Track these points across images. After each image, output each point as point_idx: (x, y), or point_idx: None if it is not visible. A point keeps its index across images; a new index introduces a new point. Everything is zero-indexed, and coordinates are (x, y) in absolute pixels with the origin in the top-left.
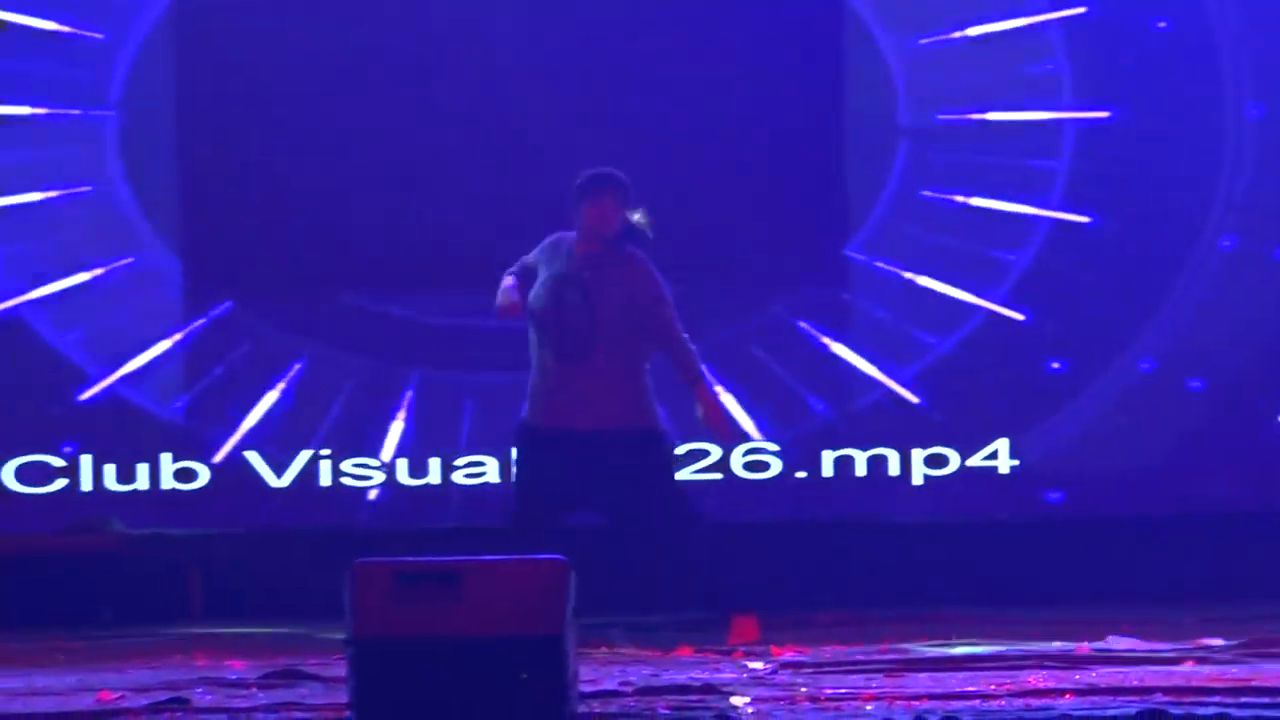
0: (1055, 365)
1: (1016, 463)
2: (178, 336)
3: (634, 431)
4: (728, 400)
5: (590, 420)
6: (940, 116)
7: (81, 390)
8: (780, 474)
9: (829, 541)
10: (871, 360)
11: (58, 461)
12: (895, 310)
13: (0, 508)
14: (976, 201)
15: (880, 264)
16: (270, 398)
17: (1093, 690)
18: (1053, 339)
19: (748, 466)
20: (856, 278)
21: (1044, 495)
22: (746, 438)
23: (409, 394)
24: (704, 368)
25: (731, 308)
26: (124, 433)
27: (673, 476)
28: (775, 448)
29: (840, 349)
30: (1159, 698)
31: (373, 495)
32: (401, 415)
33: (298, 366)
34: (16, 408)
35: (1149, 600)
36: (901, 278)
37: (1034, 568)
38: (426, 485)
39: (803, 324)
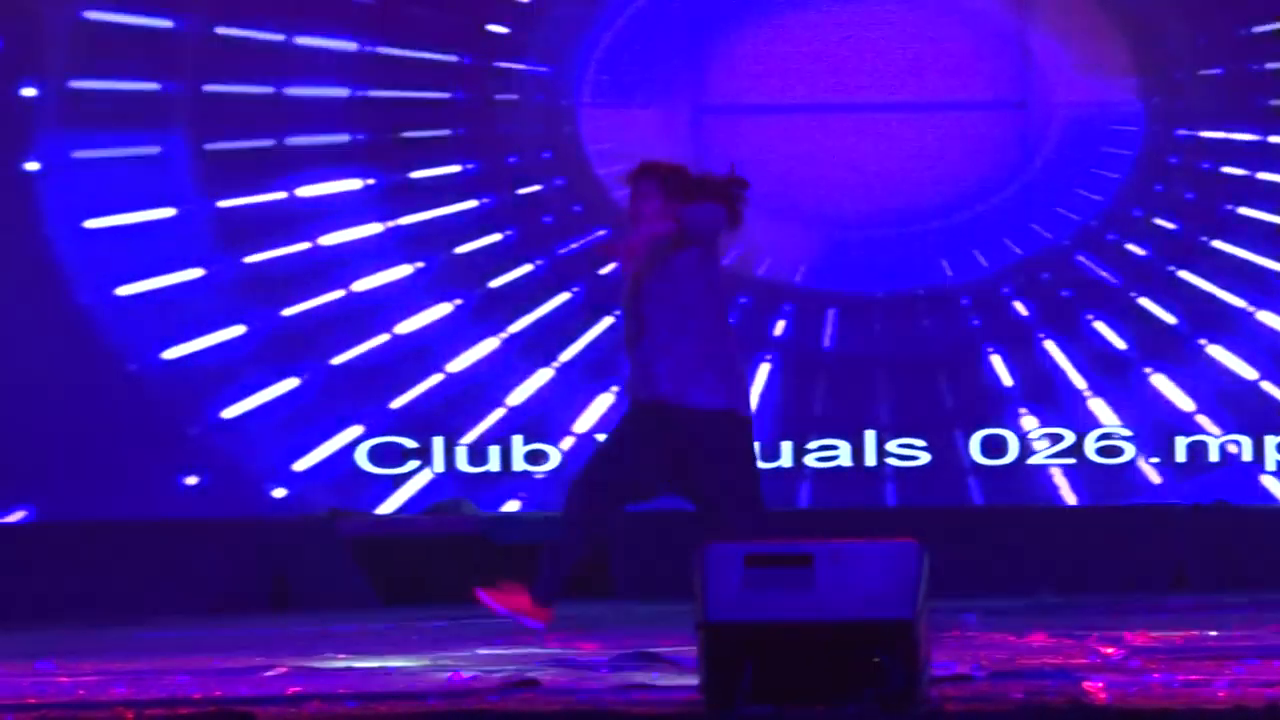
0: None
1: None
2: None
3: None
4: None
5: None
6: None
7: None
8: (1133, 459)
9: (1181, 527)
10: None
11: (410, 443)
12: None
13: (355, 489)
14: None
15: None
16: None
17: None
18: None
19: (1100, 452)
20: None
21: None
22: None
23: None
24: None
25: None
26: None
27: None
28: (1129, 433)
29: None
30: None
31: None
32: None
33: None
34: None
35: None
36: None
37: None
38: (778, 468)
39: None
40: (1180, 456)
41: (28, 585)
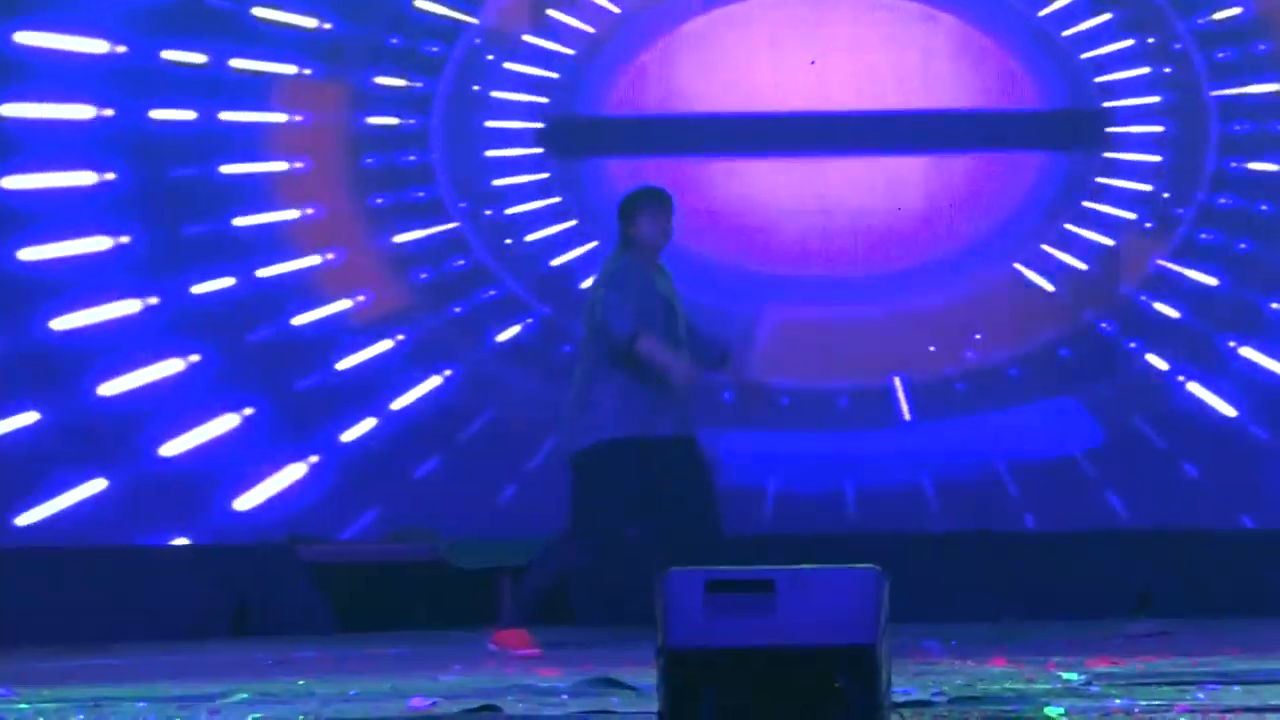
0: None
1: None
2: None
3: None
4: None
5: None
6: None
7: None
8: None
9: (1145, 551)
10: None
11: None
12: None
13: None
14: None
15: None
16: None
17: None
18: None
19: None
20: None
21: None
22: None
23: None
24: None
25: None
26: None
27: None
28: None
29: None
30: None
31: None
32: None
33: None
34: None
35: None
36: None
37: None
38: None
39: None
40: None
41: None
